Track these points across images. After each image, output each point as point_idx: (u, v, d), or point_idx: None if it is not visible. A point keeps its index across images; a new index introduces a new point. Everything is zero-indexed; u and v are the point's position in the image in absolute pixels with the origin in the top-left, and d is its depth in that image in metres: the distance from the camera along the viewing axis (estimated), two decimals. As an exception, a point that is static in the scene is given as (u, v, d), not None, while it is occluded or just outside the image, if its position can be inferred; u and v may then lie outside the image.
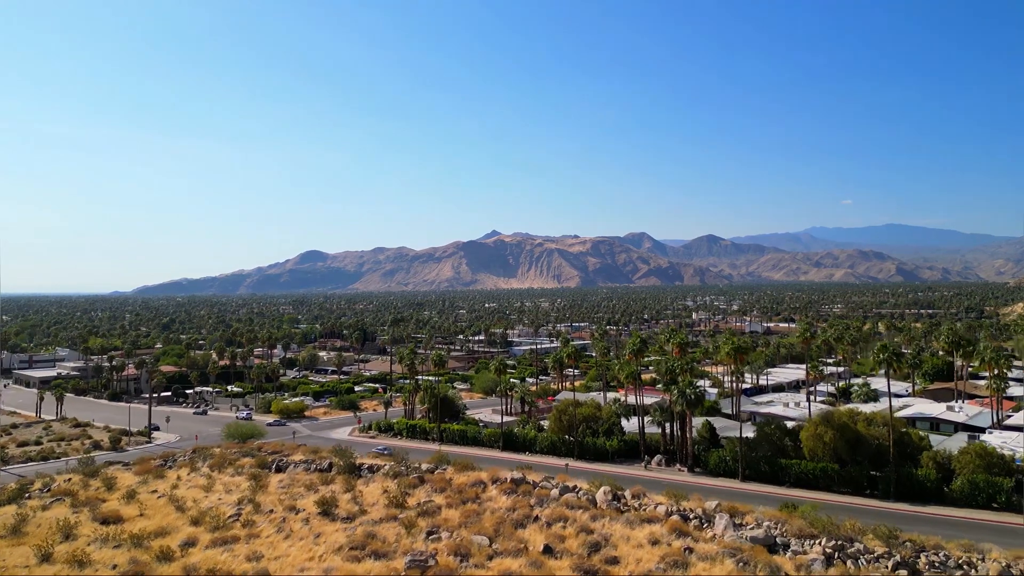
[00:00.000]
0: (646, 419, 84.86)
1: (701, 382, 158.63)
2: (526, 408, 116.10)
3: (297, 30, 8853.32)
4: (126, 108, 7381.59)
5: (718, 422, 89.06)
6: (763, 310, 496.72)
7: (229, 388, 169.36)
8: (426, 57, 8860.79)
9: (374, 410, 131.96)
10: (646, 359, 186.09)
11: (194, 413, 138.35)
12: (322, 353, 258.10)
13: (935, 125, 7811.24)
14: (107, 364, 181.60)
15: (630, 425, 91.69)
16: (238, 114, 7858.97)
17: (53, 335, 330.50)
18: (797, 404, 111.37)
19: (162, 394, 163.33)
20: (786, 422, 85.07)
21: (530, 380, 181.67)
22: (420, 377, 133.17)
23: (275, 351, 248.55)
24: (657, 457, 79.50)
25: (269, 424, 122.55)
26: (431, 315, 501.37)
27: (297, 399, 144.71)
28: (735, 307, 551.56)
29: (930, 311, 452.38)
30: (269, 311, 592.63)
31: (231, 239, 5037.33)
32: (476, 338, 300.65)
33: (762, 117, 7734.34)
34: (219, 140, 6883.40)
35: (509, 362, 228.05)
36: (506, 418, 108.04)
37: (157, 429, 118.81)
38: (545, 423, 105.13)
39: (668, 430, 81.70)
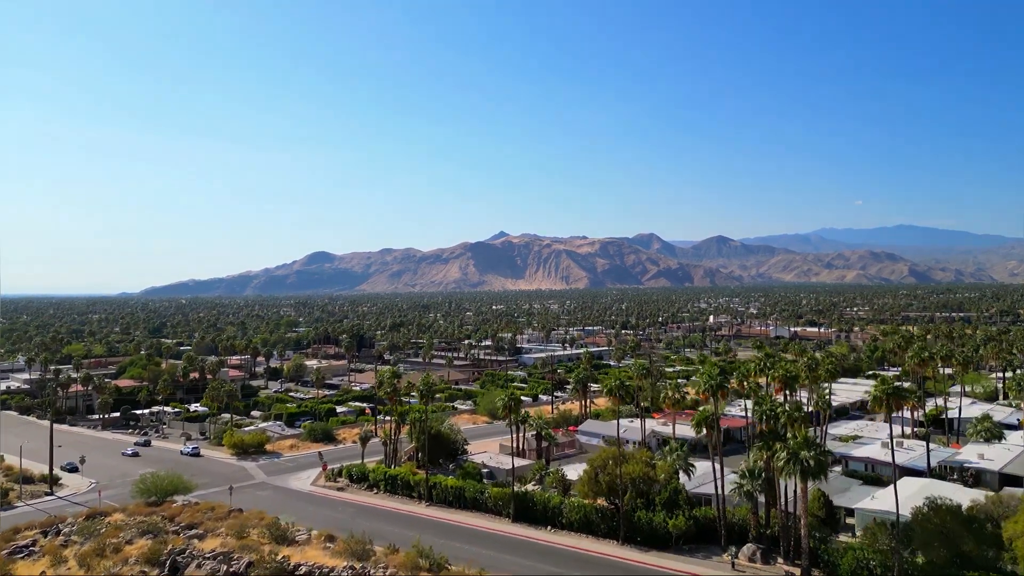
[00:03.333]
0: (722, 479, 58.61)
1: (745, 402, 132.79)
2: (542, 444, 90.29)
3: (305, 31, 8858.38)
4: (138, 110, 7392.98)
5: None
6: (782, 313, 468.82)
7: (192, 408, 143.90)
8: (435, 57, 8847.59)
9: (353, 442, 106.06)
10: (681, 370, 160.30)
11: (135, 444, 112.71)
12: (311, 362, 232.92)
13: (945, 126, 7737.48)
14: (52, 377, 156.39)
15: (692, 483, 65.74)
16: (247, 115, 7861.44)
17: (25, 341, 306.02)
18: (899, 444, 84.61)
19: (111, 414, 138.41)
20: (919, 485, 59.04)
21: (544, 398, 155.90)
22: (410, 400, 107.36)
23: (259, 359, 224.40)
24: (748, 547, 53.37)
25: (222, 458, 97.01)
26: (436, 318, 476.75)
27: (261, 426, 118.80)
28: (753, 310, 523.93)
29: (961, 314, 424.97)
30: (269, 313, 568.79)
31: (240, 240, 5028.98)
32: (483, 343, 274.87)
33: (772, 117, 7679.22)
34: (226, 141, 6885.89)
35: (519, 373, 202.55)
36: (518, 461, 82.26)
37: (75, 470, 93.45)
38: (569, 470, 79.10)
39: (763, 500, 55.62)
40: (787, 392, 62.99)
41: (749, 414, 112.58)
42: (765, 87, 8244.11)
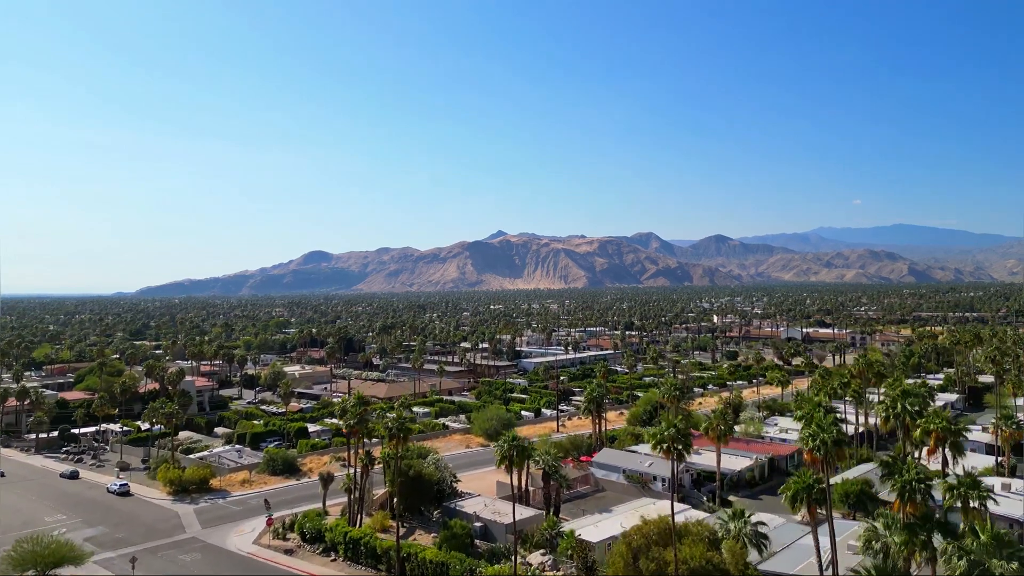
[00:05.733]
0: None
1: (780, 420, 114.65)
2: (551, 484, 71.88)
3: (302, 29, 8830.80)
4: (137, 110, 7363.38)
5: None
6: (788, 313, 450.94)
7: (144, 427, 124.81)
8: (432, 56, 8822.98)
9: (319, 476, 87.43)
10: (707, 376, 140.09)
11: (60, 475, 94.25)
12: (292, 368, 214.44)
13: (943, 125, 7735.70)
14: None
15: (770, 560, 47.64)
16: (244, 114, 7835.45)
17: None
18: (1008, 487, 66.17)
19: (49, 434, 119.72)
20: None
21: (547, 412, 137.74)
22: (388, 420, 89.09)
23: (235, 363, 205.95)
24: None
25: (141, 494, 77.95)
26: (432, 318, 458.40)
27: (216, 451, 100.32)
28: (757, 310, 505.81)
29: (974, 314, 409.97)
30: (259, 313, 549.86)
31: (237, 240, 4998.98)
32: (481, 346, 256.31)
33: (770, 116, 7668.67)
34: (222, 140, 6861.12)
35: (519, 381, 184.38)
36: (522, 511, 64.28)
37: (-32, 515, 75.07)
38: (587, 527, 61.09)
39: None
40: (948, 453, 44.64)
41: (790, 435, 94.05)
42: (763, 86, 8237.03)
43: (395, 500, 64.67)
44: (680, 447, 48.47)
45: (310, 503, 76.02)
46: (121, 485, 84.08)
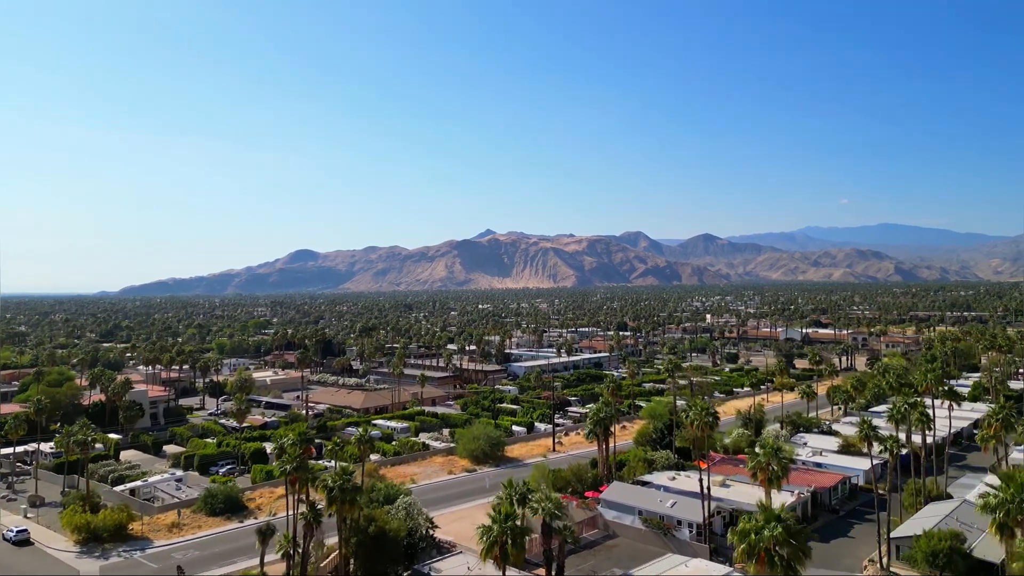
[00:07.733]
0: None
1: (808, 438, 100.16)
2: (552, 536, 56.78)
3: (288, 27, 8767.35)
4: (128, 108, 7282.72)
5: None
6: (781, 312, 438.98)
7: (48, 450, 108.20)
8: (420, 56, 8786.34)
9: (274, 515, 71.88)
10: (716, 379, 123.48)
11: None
12: (264, 374, 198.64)
13: (928, 126, 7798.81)
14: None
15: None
16: (232, 112, 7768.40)
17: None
18: None
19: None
20: None
21: (541, 427, 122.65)
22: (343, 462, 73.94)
23: (198, 369, 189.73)
24: None
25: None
26: (418, 318, 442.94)
27: (152, 480, 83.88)
28: (751, 310, 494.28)
29: (973, 314, 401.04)
30: (240, 313, 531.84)
31: (224, 238, 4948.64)
32: (469, 348, 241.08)
33: (758, 116, 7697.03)
34: (210, 138, 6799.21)
35: (509, 389, 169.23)
36: (516, 574, 49.37)
37: None
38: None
39: None
40: None
41: (826, 459, 79.41)
42: (751, 86, 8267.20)
43: (351, 563, 49.30)
44: (787, 554, 32.81)
45: (251, 557, 60.67)
46: (19, 531, 67.64)
